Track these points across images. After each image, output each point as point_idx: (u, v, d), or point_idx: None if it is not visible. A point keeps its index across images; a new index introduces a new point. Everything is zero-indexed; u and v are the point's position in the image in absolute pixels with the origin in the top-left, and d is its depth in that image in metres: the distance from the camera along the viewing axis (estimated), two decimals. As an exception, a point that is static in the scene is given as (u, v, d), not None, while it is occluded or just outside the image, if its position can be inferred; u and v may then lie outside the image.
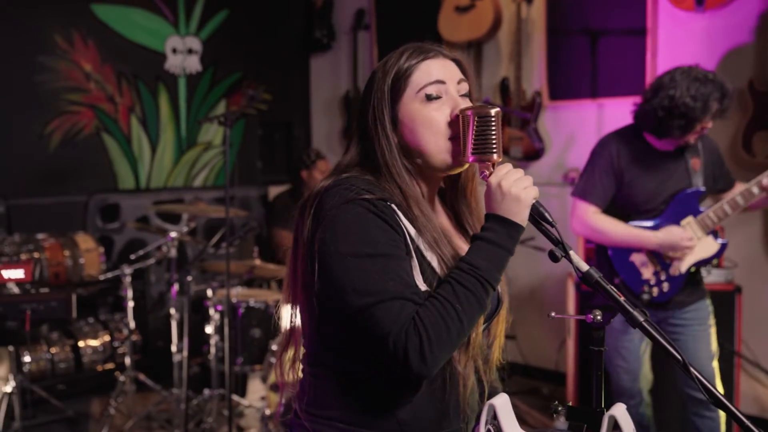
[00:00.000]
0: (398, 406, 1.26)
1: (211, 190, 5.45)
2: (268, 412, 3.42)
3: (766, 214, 3.80)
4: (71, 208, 4.85)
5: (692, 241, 2.74)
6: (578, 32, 4.38)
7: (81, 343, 4.41)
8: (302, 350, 1.41)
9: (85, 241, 4.45)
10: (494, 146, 1.23)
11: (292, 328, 1.43)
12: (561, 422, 1.25)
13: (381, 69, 1.37)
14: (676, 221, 2.79)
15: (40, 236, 4.36)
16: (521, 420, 4.00)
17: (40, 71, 4.61)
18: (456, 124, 1.28)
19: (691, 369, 1.15)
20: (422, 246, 1.27)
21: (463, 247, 1.34)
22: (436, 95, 1.31)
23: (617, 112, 4.17)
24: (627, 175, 2.83)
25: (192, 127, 5.37)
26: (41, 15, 4.61)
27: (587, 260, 3.65)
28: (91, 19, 4.83)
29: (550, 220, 1.23)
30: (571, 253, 1.21)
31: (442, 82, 1.32)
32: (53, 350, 4.32)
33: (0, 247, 4.10)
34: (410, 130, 1.31)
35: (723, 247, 2.82)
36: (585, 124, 4.41)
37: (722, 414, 2.91)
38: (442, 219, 1.41)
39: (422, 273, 1.24)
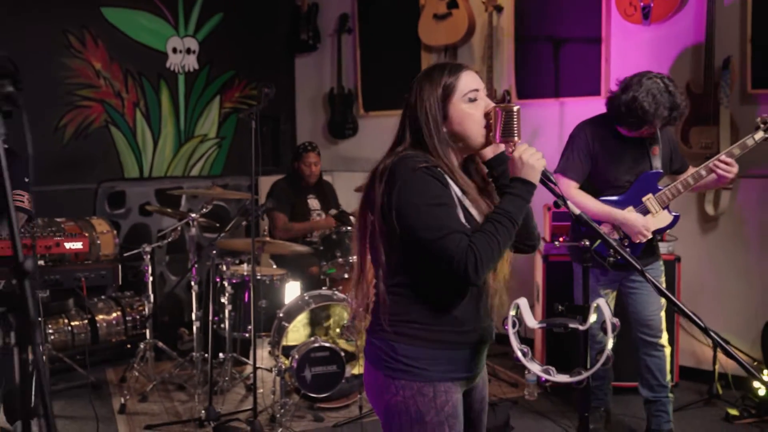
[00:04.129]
0: (453, 308, 1.83)
1: (207, 178, 5.93)
2: (284, 366, 3.94)
3: (700, 197, 4.47)
4: (82, 194, 5.28)
5: (648, 231, 3.35)
6: (543, 39, 5.01)
7: (98, 317, 4.86)
8: (370, 281, 1.95)
9: (100, 225, 4.89)
10: (515, 131, 1.81)
11: (360, 271, 1.96)
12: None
13: (427, 81, 1.91)
14: (639, 197, 3.37)
15: (59, 219, 4.79)
16: (496, 376, 4.62)
17: (56, 69, 5.04)
18: (489, 116, 1.85)
19: (647, 275, 1.72)
20: (463, 199, 1.83)
21: (485, 200, 1.92)
22: (474, 98, 1.89)
23: (576, 109, 4.82)
24: (599, 156, 3.40)
25: (190, 120, 5.84)
26: (58, 18, 5.05)
27: (552, 235, 4.29)
28: (101, 21, 5.28)
29: (554, 180, 1.83)
30: (568, 202, 1.80)
31: (477, 90, 1.90)
32: (73, 323, 4.76)
33: (28, 229, 4.52)
34: (459, 122, 1.87)
35: (676, 218, 3.44)
36: (548, 120, 5.05)
37: (667, 354, 3.56)
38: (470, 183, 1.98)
39: (466, 219, 1.81)
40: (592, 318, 1.73)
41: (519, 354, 1.76)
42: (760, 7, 4.20)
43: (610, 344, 1.69)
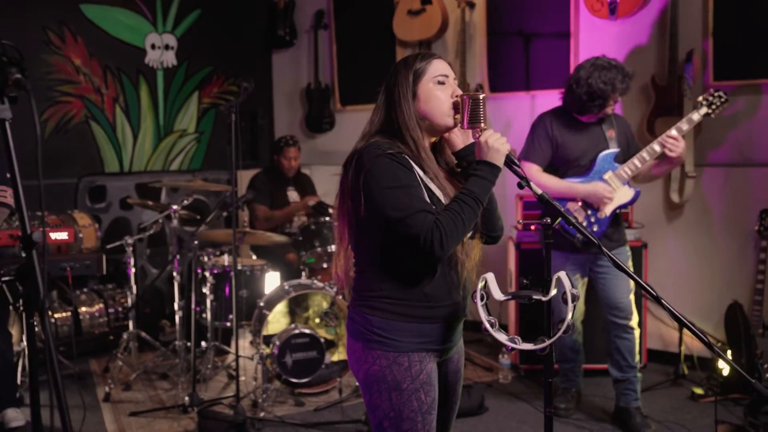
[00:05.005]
0: (423, 283, 1.95)
1: (187, 173, 6.01)
2: (265, 353, 4.06)
3: (666, 185, 4.65)
4: (64, 189, 5.34)
5: (612, 194, 3.57)
6: (514, 34, 5.15)
7: (81, 309, 4.93)
8: (351, 259, 2.08)
9: (82, 218, 4.95)
10: (481, 118, 1.94)
11: (341, 250, 2.09)
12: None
13: (403, 65, 2.07)
14: (600, 175, 3.61)
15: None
16: (471, 361, 4.77)
17: (36, 65, 5.09)
18: (457, 103, 1.98)
19: (604, 249, 1.86)
20: (428, 181, 1.96)
21: (452, 185, 2.05)
22: (442, 81, 2.02)
23: (547, 102, 4.94)
24: (559, 141, 3.66)
25: (169, 115, 5.92)
26: (38, 15, 5.10)
27: (525, 220, 4.43)
28: (80, 18, 5.34)
29: (517, 163, 1.96)
30: (531, 183, 1.93)
31: (446, 75, 2.03)
32: (56, 316, 4.83)
33: (9, 223, 4.58)
34: (425, 101, 2.01)
35: (637, 193, 3.66)
36: (520, 112, 5.20)
37: (636, 336, 3.72)
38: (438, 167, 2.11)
39: (430, 198, 1.93)
40: (554, 291, 1.87)
41: (487, 325, 1.88)
42: (721, 2, 4.37)
43: (570, 315, 1.82)
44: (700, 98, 3.57)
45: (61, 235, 3.25)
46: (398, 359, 1.94)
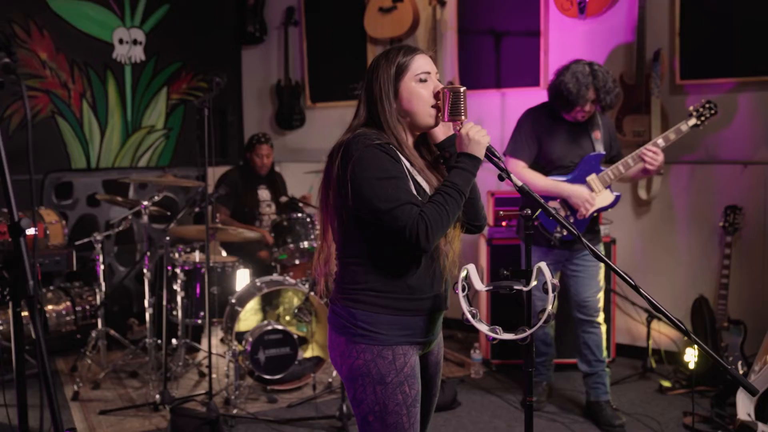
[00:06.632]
0: (407, 276, 1.96)
1: (155, 169, 5.94)
2: (238, 350, 4.03)
3: (634, 184, 4.72)
4: (29, 185, 5.22)
5: (594, 200, 3.58)
6: (484, 32, 5.19)
7: (47, 308, 4.84)
8: (333, 252, 2.07)
9: (48, 215, 4.86)
10: (462, 111, 1.96)
11: (323, 242, 2.09)
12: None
13: (384, 59, 2.05)
14: (584, 177, 3.61)
15: (6, 210, 4.75)
16: (443, 357, 4.79)
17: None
18: (438, 97, 1.99)
19: (585, 242, 1.88)
20: (414, 173, 1.97)
21: (435, 176, 2.06)
22: (424, 79, 2.02)
23: (517, 99, 5.03)
24: (545, 139, 3.65)
25: (137, 111, 5.84)
26: (3, 8, 4.99)
27: (495, 219, 4.46)
28: (47, 12, 5.24)
29: (498, 155, 1.98)
30: (511, 175, 1.95)
31: (428, 72, 2.03)
32: (22, 313, 4.72)
33: (-26, 220, 4.48)
34: (407, 99, 2.01)
35: (617, 197, 3.70)
36: (490, 110, 5.24)
37: (602, 331, 3.79)
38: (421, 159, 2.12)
39: (417, 192, 1.94)
40: (534, 281, 1.89)
41: (468, 315, 1.90)
42: (687, 2, 4.46)
43: (550, 305, 1.85)
44: (691, 108, 3.56)
45: (30, 231, 3.18)
46: (382, 353, 1.94)
